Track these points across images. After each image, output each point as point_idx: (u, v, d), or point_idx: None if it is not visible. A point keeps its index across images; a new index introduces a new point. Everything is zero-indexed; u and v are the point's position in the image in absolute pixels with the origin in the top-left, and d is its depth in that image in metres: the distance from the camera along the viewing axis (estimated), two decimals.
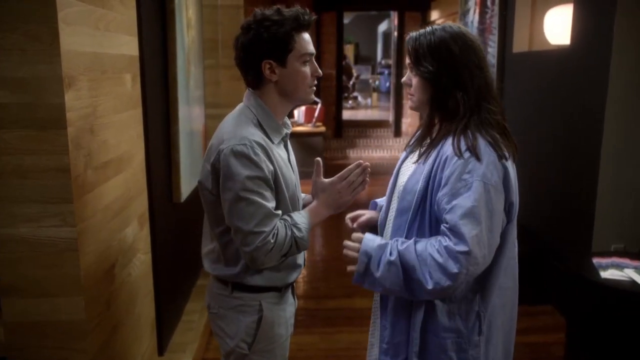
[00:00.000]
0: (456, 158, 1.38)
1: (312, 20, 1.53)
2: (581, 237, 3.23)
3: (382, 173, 8.36)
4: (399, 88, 9.79)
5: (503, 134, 1.45)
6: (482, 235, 1.36)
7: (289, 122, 1.71)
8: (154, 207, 2.58)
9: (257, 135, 1.50)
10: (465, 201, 1.35)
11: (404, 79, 1.56)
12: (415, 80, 1.50)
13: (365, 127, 10.44)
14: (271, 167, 1.50)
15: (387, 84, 15.77)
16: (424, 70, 1.45)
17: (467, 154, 1.38)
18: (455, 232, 1.35)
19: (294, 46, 1.50)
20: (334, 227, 5.63)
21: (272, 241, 1.48)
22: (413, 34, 1.50)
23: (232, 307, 1.65)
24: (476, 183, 1.35)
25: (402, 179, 1.58)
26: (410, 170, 1.55)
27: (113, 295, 1.62)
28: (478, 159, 1.37)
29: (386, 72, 16.23)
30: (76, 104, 1.37)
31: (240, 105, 1.61)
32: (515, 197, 1.45)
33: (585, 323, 2.66)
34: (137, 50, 1.90)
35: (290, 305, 1.73)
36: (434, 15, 8.50)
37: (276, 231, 1.49)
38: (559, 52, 3.55)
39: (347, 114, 11.45)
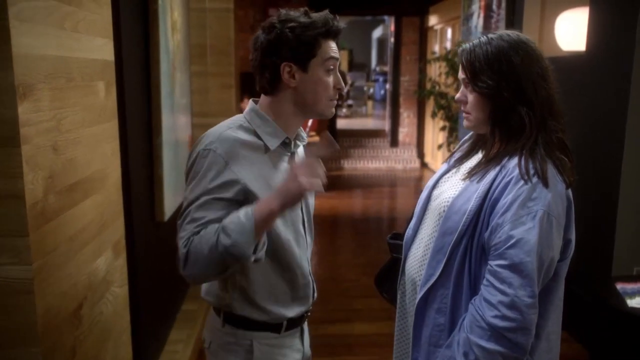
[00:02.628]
0: (522, 182, 1.25)
1: (341, 27, 1.42)
2: (601, 259, 3.06)
3: (377, 185, 8.22)
4: (395, 96, 9.65)
5: (566, 155, 1.34)
6: (537, 275, 1.24)
7: (304, 134, 1.56)
8: (133, 229, 2.39)
9: (236, 137, 1.39)
10: (529, 234, 1.22)
11: (458, 95, 1.42)
12: (472, 97, 1.37)
13: (360, 137, 10.33)
14: (236, 175, 1.36)
15: (382, 92, 15.67)
16: (483, 86, 1.32)
17: (535, 179, 1.25)
18: (520, 270, 1.22)
19: (318, 51, 1.38)
20: (330, 242, 5.45)
21: (183, 250, 1.32)
22: (467, 45, 1.37)
23: (223, 343, 1.49)
24: (540, 212, 1.23)
25: (444, 195, 1.43)
26: (456, 187, 1.41)
27: (80, 339, 1.42)
28: (546, 185, 1.25)
29: (381, 79, 16.13)
30: (34, 117, 1.18)
31: None
32: (573, 234, 1.33)
33: (610, 355, 2.49)
34: (113, 54, 1.71)
35: (294, 352, 1.53)
36: (433, 20, 8.40)
37: (192, 238, 1.31)
38: (573, 59, 3.40)
39: (341, 123, 11.32)
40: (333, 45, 1.42)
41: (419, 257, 1.46)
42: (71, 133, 1.38)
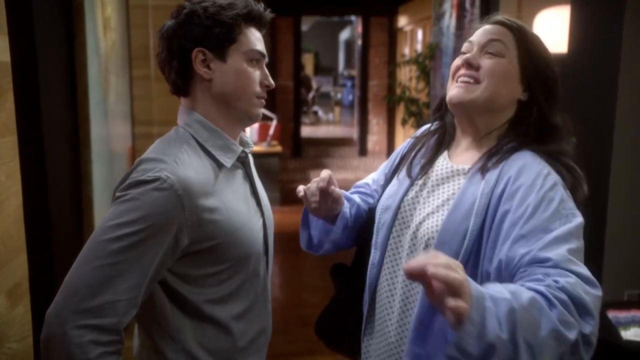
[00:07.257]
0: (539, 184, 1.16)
1: (265, 15, 1.23)
2: None
3: None
4: (363, 102, 9.55)
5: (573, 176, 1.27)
6: None
7: (249, 139, 1.38)
8: (53, 263, 2.14)
9: (187, 167, 1.15)
10: (568, 228, 1.09)
11: (471, 55, 1.25)
12: (492, 63, 1.24)
13: (327, 146, 10.26)
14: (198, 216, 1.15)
15: (351, 97, 15.59)
16: (524, 55, 1.26)
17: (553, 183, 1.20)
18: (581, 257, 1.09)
19: (238, 37, 1.19)
20: (291, 262, 5.24)
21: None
22: (514, 21, 1.31)
23: None
24: (578, 218, 1.12)
25: (428, 221, 1.20)
26: (433, 204, 1.23)
27: None
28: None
29: (349, 83, 16.07)
30: None
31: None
32: None
33: None
34: (8, 54, 1.46)
35: None
36: (402, 21, 8.33)
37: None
38: (554, 62, 3.29)
39: (306, 131, 11.20)
40: (258, 35, 1.25)
41: (396, 307, 1.24)
42: None
